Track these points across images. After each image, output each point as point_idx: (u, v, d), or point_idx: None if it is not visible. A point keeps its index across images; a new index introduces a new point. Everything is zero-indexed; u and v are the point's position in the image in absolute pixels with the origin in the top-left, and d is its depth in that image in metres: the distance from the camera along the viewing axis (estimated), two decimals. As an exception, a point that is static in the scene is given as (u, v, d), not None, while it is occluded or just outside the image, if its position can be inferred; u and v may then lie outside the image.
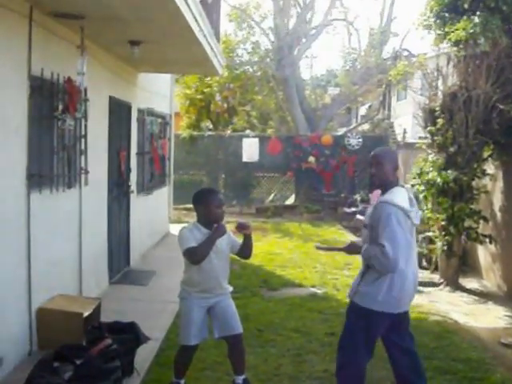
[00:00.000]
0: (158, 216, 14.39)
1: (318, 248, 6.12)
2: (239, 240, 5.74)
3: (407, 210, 4.94)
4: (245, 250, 5.75)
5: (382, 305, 5.02)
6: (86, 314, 6.74)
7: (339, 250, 5.71)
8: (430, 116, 11.09)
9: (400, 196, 5.04)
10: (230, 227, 5.71)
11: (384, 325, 5.20)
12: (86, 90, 7.34)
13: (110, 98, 9.42)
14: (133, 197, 11.13)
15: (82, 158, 7.67)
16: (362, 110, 36.80)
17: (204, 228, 5.49)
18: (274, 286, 10.48)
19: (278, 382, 6.26)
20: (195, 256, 5.37)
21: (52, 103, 6.89)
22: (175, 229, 5.72)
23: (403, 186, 5.26)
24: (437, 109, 10.78)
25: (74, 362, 5.49)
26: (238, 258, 5.96)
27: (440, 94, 11.03)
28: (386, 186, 5.17)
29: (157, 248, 13.35)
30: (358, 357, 5.22)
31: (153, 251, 12.93)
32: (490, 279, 10.96)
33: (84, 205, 8.03)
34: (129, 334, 6.19)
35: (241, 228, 5.58)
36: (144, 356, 6.41)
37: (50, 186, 6.87)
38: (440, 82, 11.21)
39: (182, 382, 5.79)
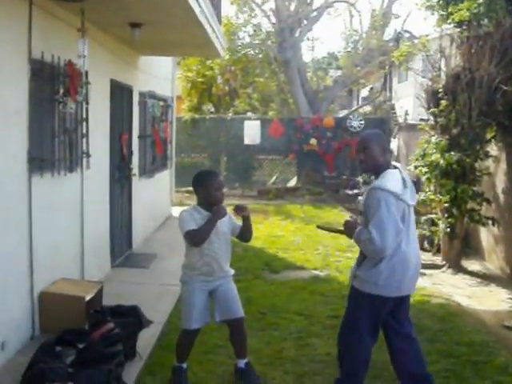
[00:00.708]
0: (159, 199, 14.37)
1: (319, 228, 6.09)
2: (240, 223, 5.71)
3: (398, 193, 4.86)
4: (244, 233, 5.72)
5: (383, 289, 4.98)
6: (88, 297, 6.73)
7: (340, 232, 5.67)
8: (432, 97, 11.02)
9: (392, 179, 4.95)
10: (230, 210, 5.68)
11: (387, 309, 5.16)
12: (87, 73, 7.30)
13: (112, 81, 9.37)
14: (135, 180, 11.11)
15: (84, 141, 7.65)
16: (364, 92, 36.67)
17: (204, 210, 5.45)
18: (276, 268, 10.47)
19: (280, 365, 6.25)
20: (196, 238, 5.35)
21: (53, 86, 6.85)
22: (177, 212, 5.70)
23: (396, 167, 5.17)
24: (440, 90, 10.71)
25: (77, 346, 5.49)
26: (239, 241, 5.94)
27: (443, 76, 10.96)
28: (377, 170, 5.10)
29: (159, 231, 13.34)
30: (363, 342, 5.20)
31: (155, 234, 12.92)
32: (493, 261, 10.94)
33: (86, 188, 8.00)
34: (131, 318, 6.18)
35: (238, 210, 5.54)
36: (146, 339, 6.41)
37: (51, 170, 6.84)
38: (443, 64, 11.13)
39: (184, 365, 5.78)
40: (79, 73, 7.11)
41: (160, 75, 13.77)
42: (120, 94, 10.02)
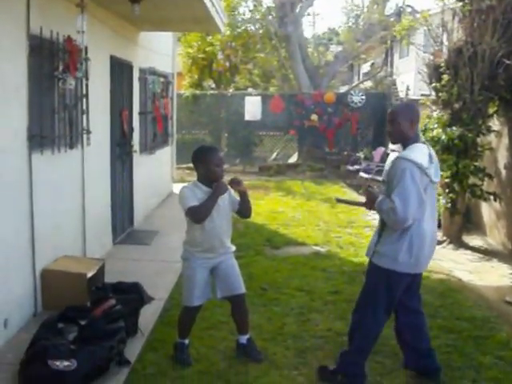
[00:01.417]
0: (161, 176, 14.36)
1: (338, 201, 6.06)
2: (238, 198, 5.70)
3: (424, 166, 4.82)
4: (243, 208, 5.69)
5: (401, 265, 4.98)
6: (89, 274, 6.74)
7: (359, 204, 5.64)
8: (434, 72, 10.95)
9: (418, 152, 4.92)
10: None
11: (404, 285, 5.17)
12: (86, 49, 7.26)
13: (111, 57, 9.31)
14: (136, 156, 11.09)
15: (84, 117, 7.63)
16: (365, 68, 36.51)
17: (204, 186, 5.44)
18: (277, 244, 10.48)
19: (282, 341, 6.27)
20: (198, 215, 5.34)
21: (52, 63, 6.80)
22: (178, 188, 5.69)
23: (424, 143, 5.14)
24: (442, 65, 10.64)
25: (79, 322, 5.52)
26: (240, 218, 5.94)
27: (445, 50, 10.89)
28: (405, 142, 5.06)
29: (160, 208, 13.34)
30: (376, 318, 5.21)
31: (156, 211, 12.92)
32: (494, 237, 10.93)
33: (86, 165, 7.98)
34: (133, 295, 6.20)
35: (233, 184, 5.52)
36: (148, 316, 6.43)
37: (51, 147, 6.82)
38: (445, 38, 11.06)
39: (186, 341, 5.81)
40: (78, 49, 7.07)
41: (160, 51, 13.69)
42: (120, 70, 9.97)
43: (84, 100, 7.56)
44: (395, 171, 4.91)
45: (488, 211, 11.26)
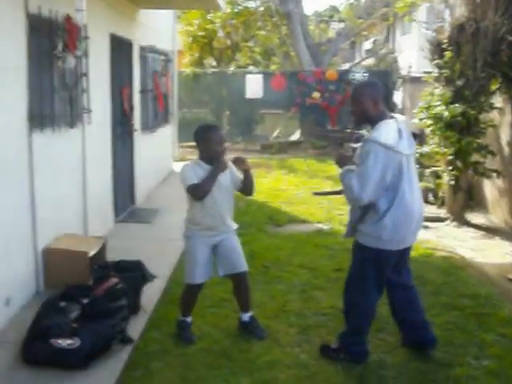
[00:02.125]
0: (162, 154, 14.34)
1: (316, 194, 6.04)
2: (241, 177, 5.68)
3: (391, 145, 4.77)
4: (246, 186, 5.69)
5: (388, 243, 4.98)
6: (91, 253, 6.73)
7: (337, 192, 5.65)
8: (437, 49, 10.88)
9: (384, 130, 4.86)
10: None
11: (392, 262, 5.17)
12: (85, 28, 7.22)
13: (111, 35, 9.23)
14: (137, 135, 11.05)
15: (84, 96, 7.58)
16: (367, 45, 36.38)
17: (206, 164, 5.42)
18: (280, 222, 10.47)
19: (284, 318, 6.26)
20: (198, 193, 5.33)
21: (51, 42, 6.74)
22: (180, 167, 5.69)
23: (392, 117, 5.07)
24: (444, 41, 10.57)
25: (81, 301, 5.52)
26: (242, 195, 5.94)
27: (447, 26, 10.81)
28: (369, 121, 5.05)
29: (162, 186, 13.34)
30: (368, 296, 5.22)
31: (158, 189, 12.92)
32: (497, 214, 10.91)
33: (87, 144, 7.94)
34: (135, 273, 6.20)
35: (236, 162, 5.52)
36: (150, 294, 6.41)
37: (52, 126, 6.77)
38: (447, 14, 10.98)
39: (189, 319, 5.82)
40: (78, 27, 7.03)
41: (160, 29, 13.64)
42: (120, 48, 9.90)
43: (84, 79, 7.53)
44: (361, 153, 4.91)
45: (490, 188, 11.23)
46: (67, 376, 4.83)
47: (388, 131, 4.87)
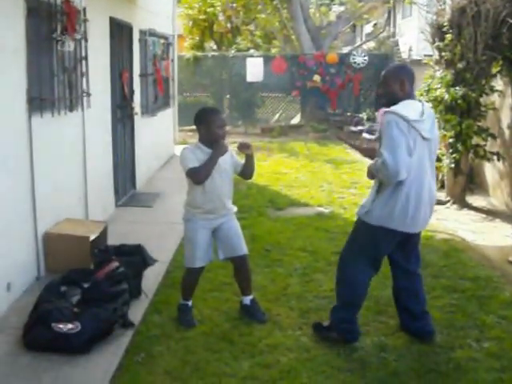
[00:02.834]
0: (163, 138, 14.32)
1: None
2: (242, 161, 5.68)
3: (409, 119, 4.77)
4: (246, 171, 5.70)
5: (392, 222, 4.97)
6: (92, 237, 6.73)
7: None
8: (437, 32, 10.85)
9: (406, 107, 4.88)
10: (233, 148, 5.66)
11: (393, 243, 5.18)
12: (84, 11, 7.18)
13: (111, 18, 9.18)
14: (137, 119, 11.02)
15: (84, 80, 7.57)
16: (367, 29, 36.20)
17: (206, 148, 5.42)
18: (281, 205, 10.46)
19: (285, 301, 6.27)
20: (198, 176, 5.33)
21: (50, 24, 6.71)
22: (180, 150, 5.71)
23: (420, 101, 5.10)
24: (445, 24, 10.53)
25: (82, 285, 5.53)
26: (242, 179, 5.96)
27: (448, 9, 10.76)
28: (395, 103, 5.01)
29: (162, 170, 13.33)
30: (361, 272, 5.24)
31: (159, 173, 12.91)
32: (498, 197, 10.90)
33: (87, 128, 7.92)
34: (136, 257, 6.20)
35: (242, 148, 5.51)
36: (151, 278, 6.43)
37: (51, 110, 6.75)
38: (448, -4, 10.93)
39: (190, 303, 5.83)
40: (77, 10, 7.00)
41: (160, 13, 13.58)
42: (120, 32, 9.88)
43: (83, 62, 7.52)
44: (383, 126, 4.89)
45: (491, 171, 11.22)
46: (68, 361, 4.84)
47: (409, 107, 4.89)
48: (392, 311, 5.78)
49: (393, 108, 4.88)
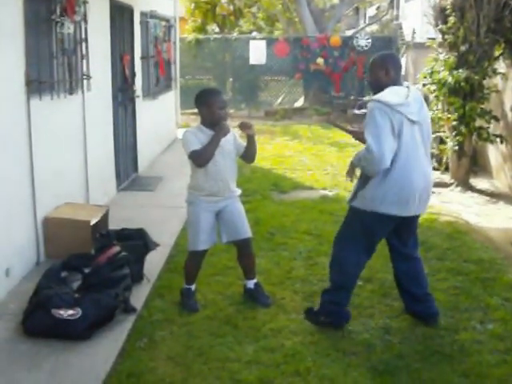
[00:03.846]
0: (165, 121, 14.27)
1: (331, 123, 6.07)
2: (244, 143, 5.63)
3: (392, 103, 4.82)
4: (249, 152, 5.64)
5: (386, 207, 4.95)
6: (93, 221, 6.69)
7: (347, 131, 5.75)
8: (440, 14, 10.83)
9: (391, 93, 4.92)
10: (236, 130, 5.62)
11: (387, 227, 5.18)
12: (84, -8, 7.11)
13: (111, 0, 9.11)
14: (138, 102, 10.95)
15: (84, 62, 7.50)
16: (371, 12, 36.08)
17: (208, 129, 5.38)
18: (285, 188, 10.44)
19: (290, 285, 6.26)
20: (200, 158, 5.29)
21: (49, 6, 6.63)
22: (182, 133, 5.69)
23: (406, 86, 5.11)
24: (448, 7, 10.50)
25: (83, 270, 5.49)
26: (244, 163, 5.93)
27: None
28: (383, 89, 5.04)
29: (165, 154, 13.29)
30: (355, 255, 5.25)
31: (161, 157, 12.88)
32: (501, 179, 10.87)
33: (88, 111, 7.85)
34: (137, 241, 6.16)
35: (243, 127, 5.46)
36: (154, 262, 6.39)
37: (50, 92, 6.67)
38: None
39: (193, 287, 5.80)
40: (76, -9, 6.93)
41: (162, -6, 13.49)
42: (120, 13, 9.81)
43: (83, 44, 7.45)
44: (367, 113, 4.95)
45: (495, 154, 11.20)
46: (69, 347, 4.80)
47: (392, 93, 4.93)
48: (396, 294, 5.75)
49: (376, 96, 4.97)
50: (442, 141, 11.23)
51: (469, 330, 5.31)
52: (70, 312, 4.85)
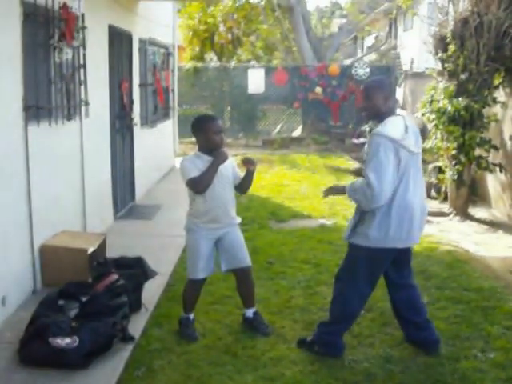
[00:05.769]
0: (162, 149, 14.26)
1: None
2: (241, 174, 5.63)
3: (397, 139, 4.77)
4: (244, 184, 5.65)
5: (393, 241, 4.95)
6: (90, 249, 6.64)
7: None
8: (440, 43, 10.85)
9: (391, 126, 4.88)
10: (238, 161, 5.62)
11: (390, 260, 5.17)
12: (83, 17, 7.12)
13: (110, 26, 9.11)
14: (136, 129, 10.94)
15: (82, 89, 7.49)
16: (369, 41, 36.35)
17: (205, 155, 5.36)
18: (283, 217, 10.40)
19: (289, 314, 6.22)
20: (199, 185, 5.27)
21: (47, 31, 6.61)
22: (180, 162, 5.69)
23: (399, 115, 5.11)
24: (448, 35, 10.52)
25: (80, 299, 5.45)
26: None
27: (451, 20, 10.74)
28: (379, 117, 5.05)
29: (162, 182, 13.27)
30: (358, 291, 5.21)
31: (158, 185, 12.85)
32: (500, 208, 10.87)
33: (85, 138, 7.82)
34: (135, 269, 6.13)
35: (247, 163, 5.47)
36: (152, 291, 6.35)
37: (48, 119, 6.64)
38: (451, 8, 10.91)
39: (192, 316, 5.75)
40: (75, 17, 6.93)
41: (160, 22, 13.53)
42: (119, 40, 9.82)
43: (82, 70, 7.45)
44: (370, 148, 4.88)
45: (494, 183, 11.20)
46: (66, 376, 4.75)
47: (394, 126, 4.89)
48: (397, 323, 5.72)
49: (379, 129, 4.90)
50: (440, 170, 11.24)
51: (470, 358, 5.28)
52: (68, 340, 4.80)
